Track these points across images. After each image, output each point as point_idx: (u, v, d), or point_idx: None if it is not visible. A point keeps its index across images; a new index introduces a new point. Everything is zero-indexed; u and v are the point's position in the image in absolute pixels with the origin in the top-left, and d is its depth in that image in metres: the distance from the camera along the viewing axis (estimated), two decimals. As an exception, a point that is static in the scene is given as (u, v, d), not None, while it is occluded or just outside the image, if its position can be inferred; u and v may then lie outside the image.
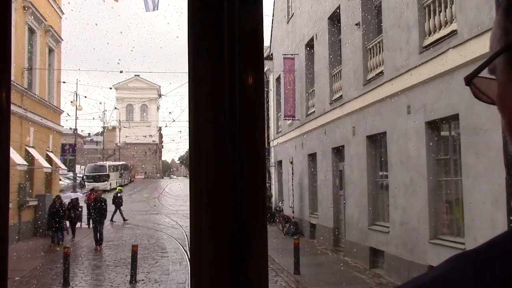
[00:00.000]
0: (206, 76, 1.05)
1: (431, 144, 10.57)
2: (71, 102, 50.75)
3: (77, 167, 60.78)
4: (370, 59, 13.96)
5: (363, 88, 14.15)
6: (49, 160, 22.66)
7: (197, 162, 1.05)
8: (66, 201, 20.15)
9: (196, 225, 1.04)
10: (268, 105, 26.75)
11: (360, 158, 14.29)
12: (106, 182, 50.50)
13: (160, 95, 75.02)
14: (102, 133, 75.94)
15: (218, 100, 1.04)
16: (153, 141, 72.74)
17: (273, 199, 25.92)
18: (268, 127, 27.35)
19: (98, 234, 17.45)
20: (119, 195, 27.03)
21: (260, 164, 1.07)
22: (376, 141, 13.75)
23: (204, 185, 1.03)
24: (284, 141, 23.60)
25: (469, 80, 0.64)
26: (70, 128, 73.05)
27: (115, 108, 65.45)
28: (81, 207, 21.93)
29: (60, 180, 48.63)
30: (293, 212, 20.97)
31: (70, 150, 24.14)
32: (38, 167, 20.81)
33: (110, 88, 31.23)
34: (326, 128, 17.41)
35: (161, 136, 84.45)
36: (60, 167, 23.30)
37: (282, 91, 21.93)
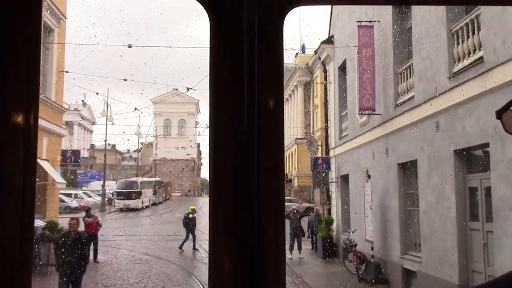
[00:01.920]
0: (226, 101, 1.02)
1: None
2: (101, 112, 45.29)
3: (113, 183, 55.07)
4: None
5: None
6: (41, 171, 16.33)
7: (217, 185, 1.03)
8: None
9: (214, 248, 1.03)
10: (327, 102, 19.78)
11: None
12: (137, 200, 44.36)
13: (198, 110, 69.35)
14: (140, 150, 70.62)
15: (237, 118, 1.01)
16: (190, 157, 66.74)
17: (334, 225, 18.71)
18: (327, 132, 20.29)
19: None
20: (191, 216, 20.22)
21: (279, 189, 1.03)
22: None
23: (222, 207, 1.01)
24: (352, 147, 16.50)
25: (500, 114, 0.62)
26: (109, 144, 68.03)
27: (140, 113, 59.95)
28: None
29: (72, 197, 42.40)
30: (372, 248, 13.77)
31: (73, 159, 17.82)
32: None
33: (125, 80, 25.30)
34: (440, 119, 10.32)
35: (199, 152, 78.63)
36: (55, 181, 16.85)
37: (355, 75, 14.85)
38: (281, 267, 1.01)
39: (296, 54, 48.46)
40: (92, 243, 16.07)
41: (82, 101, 53.76)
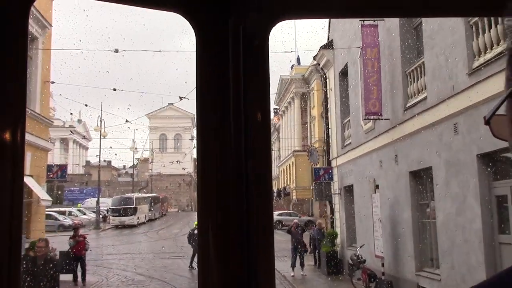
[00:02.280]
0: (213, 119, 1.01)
1: None
2: (95, 127, 44.11)
3: (110, 200, 53.63)
4: None
5: None
6: (25, 188, 15.11)
7: (205, 193, 1.01)
8: None
9: (204, 259, 1.01)
10: (327, 110, 18.71)
11: None
12: (133, 216, 43.02)
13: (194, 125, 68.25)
14: (136, 166, 69.32)
15: (224, 130, 1.00)
16: (187, 171, 65.41)
17: (338, 240, 17.51)
18: (328, 141, 19.19)
19: None
20: (195, 232, 18.67)
21: (267, 201, 1.03)
22: None
23: (211, 215, 1.00)
24: (357, 156, 15.40)
25: (488, 120, 0.64)
26: (105, 161, 66.41)
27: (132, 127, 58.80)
28: None
29: (66, 215, 40.76)
30: (382, 265, 12.59)
31: (59, 174, 16.63)
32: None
33: (114, 90, 24.09)
34: (458, 120, 9.24)
35: (196, 167, 77.45)
36: (40, 197, 15.64)
37: (359, 79, 13.83)
38: (272, 272, 1.01)
39: (292, 66, 47.67)
40: (79, 265, 14.86)
41: (71, 114, 52.09)
